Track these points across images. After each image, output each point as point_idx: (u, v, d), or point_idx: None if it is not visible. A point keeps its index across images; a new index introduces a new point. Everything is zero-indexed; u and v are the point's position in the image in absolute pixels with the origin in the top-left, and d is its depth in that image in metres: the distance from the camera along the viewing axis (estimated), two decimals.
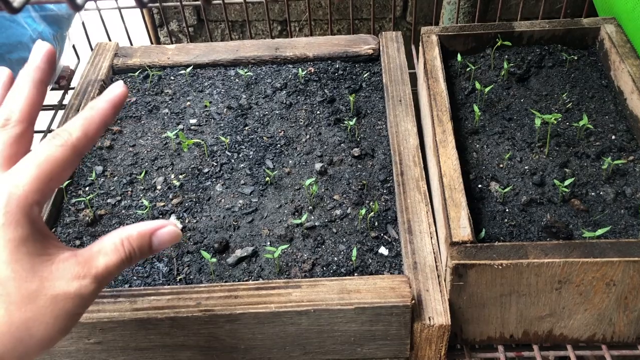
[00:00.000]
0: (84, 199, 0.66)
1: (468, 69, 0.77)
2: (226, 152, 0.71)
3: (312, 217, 0.63)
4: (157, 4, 1.01)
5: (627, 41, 0.72)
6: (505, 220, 0.59)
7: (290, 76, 0.81)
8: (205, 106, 0.78)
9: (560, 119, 0.69)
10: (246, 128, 0.74)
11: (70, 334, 0.53)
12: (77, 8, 0.28)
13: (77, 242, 0.62)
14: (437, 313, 0.53)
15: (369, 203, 0.64)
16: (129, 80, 0.83)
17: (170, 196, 0.66)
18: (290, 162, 0.70)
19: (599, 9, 0.86)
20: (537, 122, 0.65)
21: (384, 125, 0.73)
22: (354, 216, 0.63)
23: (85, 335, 0.53)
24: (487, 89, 0.71)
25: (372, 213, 0.62)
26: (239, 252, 0.60)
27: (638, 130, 0.65)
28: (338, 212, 0.63)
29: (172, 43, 1.24)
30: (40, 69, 0.44)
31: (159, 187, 0.68)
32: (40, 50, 0.44)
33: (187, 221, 0.63)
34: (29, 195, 0.37)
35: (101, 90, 0.80)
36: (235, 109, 0.77)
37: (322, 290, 0.52)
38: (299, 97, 0.78)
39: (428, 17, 1.45)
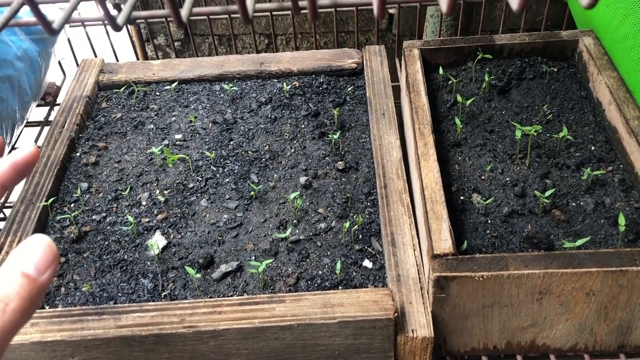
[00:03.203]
0: (68, 215, 0.66)
1: (450, 82, 0.78)
2: (211, 166, 0.72)
3: (297, 231, 0.63)
4: (142, 20, 1.02)
5: (604, 53, 0.73)
6: (487, 231, 0.60)
7: (275, 90, 0.82)
8: (191, 121, 0.78)
9: (540, 131, 0.70)
10: (231, 142, 0.75)
11: (54, 352, 0.53)
12: (53, 32, 0.29)
13: (62, 259, 0.62)
14: (420, 325, 0.53)
15: (353, 216, 0.64)
16: (114, 96, 0.84)
17: (155, 212, 0.66)
18: (275, 176, 0.70)
19: (577, 22, 0.88)
20: (518, 133, 0.66)
21: (368, 139, 0.74)
22: (338, 229, 0.63)
23: (69, 354, 0.53)
24: (468, 102, 0.72)
25: (356, 226, 0.63)
26: (223, 267, 0.60)
27: (616, 141, 0.66)
28: (322, 225, 0.64)
29: (159, 57, 1.24)
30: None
31: (144, 202, 0.68)
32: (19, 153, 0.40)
33: (172, 237, 0.64)
34: None
35: (86, 107, 0.80)
36: (220, 124, 0.78)
37: (305, 305, 0.53)
38: (283, 111, 0.79)
39: (414, 30, 1.47)
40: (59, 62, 1.00)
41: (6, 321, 0.32)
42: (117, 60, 1.03)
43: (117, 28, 0.29)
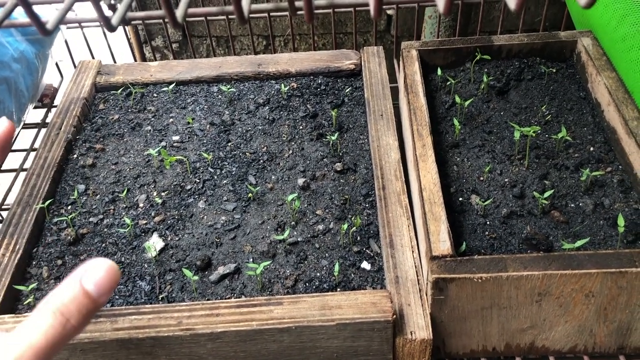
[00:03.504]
0: (65, 218, 0.65)
1: (448, 83, 0.77)
2: (209, 168, 0.71)
3: (295, 233, 0.63)
4: (139, 21, 1.02)
5: (602, 54, 0.73)
6: (486, 232, 0.59)
7: (273, 92, 0.82)
8: (188, 123, 0.78)
9: (539, 132, 0.70)
10: (229, 144, 0.75)
11: None
12: (47, 33, 0.28)
13: (59, 262, 0.62)
14: (419, 327, 0.53)
15: (352, 218, 0.64)
16: (111, 97, 0.83)
17: (153, 214, 0.66)
18: (273, 177, 0.70)
19: (576, 23, 0.88)
20: (517, 134, 0.66)
21: (366, 140, 0.73)
22: (336, 231, 0.63)
23: (65, 357, 0.53)
24: (467, 103, 0.72)
25: (355, 228, 0.62)
26: (221, 270, 0.60)
27: (615, 141, 0.66)
28: (321, 227, 0.63)
29: (157, 59, 1.24)
30: None
31: (141, 204, 0.67)
32: None
33: (169, 239, 0.63)
34: None
35: (84, 108, 0.80)
36: (218, 125, 0.77)
37: (303, 307, 0.53)
38: (281, 112, 0.79)
39: (412, 31, 1.47)
40: (56, 64, 1.00)
41: (64, 336, 0.35)
42: (115, 61, 1.03)
43: (112, 29, 0.28)
